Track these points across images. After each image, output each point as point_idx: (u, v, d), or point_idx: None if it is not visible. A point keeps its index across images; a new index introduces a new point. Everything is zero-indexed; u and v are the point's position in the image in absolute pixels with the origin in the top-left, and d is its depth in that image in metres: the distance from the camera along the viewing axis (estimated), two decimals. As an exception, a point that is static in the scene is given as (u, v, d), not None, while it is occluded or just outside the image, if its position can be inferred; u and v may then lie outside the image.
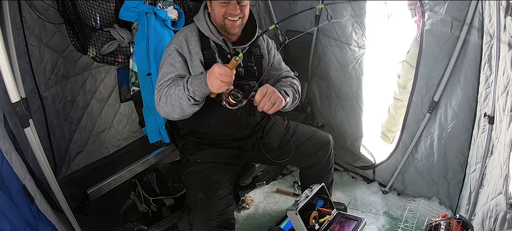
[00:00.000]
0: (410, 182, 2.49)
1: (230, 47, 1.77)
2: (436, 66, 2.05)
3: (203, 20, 1.75)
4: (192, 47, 1.71)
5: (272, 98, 1.56)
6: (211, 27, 1.73)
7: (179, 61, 1.67)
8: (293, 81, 1.94)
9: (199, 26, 1.76)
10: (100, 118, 2.58)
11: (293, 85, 1.89)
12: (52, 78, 2.20)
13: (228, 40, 1.76)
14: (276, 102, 1.57)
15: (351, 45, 2.42)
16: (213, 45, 1.76)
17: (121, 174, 2.46)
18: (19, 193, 1.27)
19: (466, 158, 2.09)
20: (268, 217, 2.41)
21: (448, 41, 1.95)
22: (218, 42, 1.75)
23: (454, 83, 2.02)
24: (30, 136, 1.51)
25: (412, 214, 2.18)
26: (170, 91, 1.57)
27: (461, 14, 1.85)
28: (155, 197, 2.29)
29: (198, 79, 1.52)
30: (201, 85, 1.50)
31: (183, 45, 1.70)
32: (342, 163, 2.84)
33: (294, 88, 1.86)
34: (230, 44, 1.77)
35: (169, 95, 1.57)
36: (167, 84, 1.61)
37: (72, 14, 1.98)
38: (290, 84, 1.88)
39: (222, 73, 1.43)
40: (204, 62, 1.72)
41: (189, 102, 1.54)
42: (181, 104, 1.56)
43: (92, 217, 2.29)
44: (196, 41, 1.73)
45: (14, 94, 1.44)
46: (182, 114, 1.60)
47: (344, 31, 2.41)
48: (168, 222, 2.22)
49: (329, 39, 2.51)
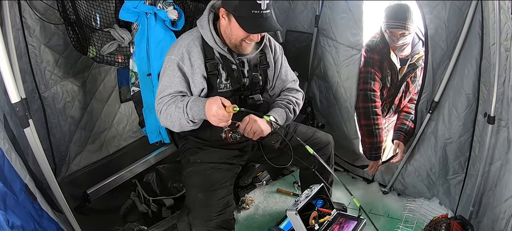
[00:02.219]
0: (410, 182, 2.49)
1: (235, 57, 1.73)
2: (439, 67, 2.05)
3: (208, 29, 1.66)
4: (195, 60, 1.65)
5: (252, 128, 1.60)
6: (216, 38, 1.65)
7: (177, 77, 1.62)
8: (293, 97, 1.89)
9: (202, 34, 1.68)
10: (100, 118, 2.58)
11: (290, 104, 1.84)
12: (52, 78, 2.20)
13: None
14: (256, 132, 1.61)
15: (348, 46, 2.42)
16: (217, 55, 1.70)
17: (121, 174, 2.46)
18: (22, 191, 1.28)
19: (466, 158, 2.09)
20: (268, 217, 2.41)
21: (451, 43, 1.94)
22: (222, 53, 1.69)
23: (454, 83, 2.02)
24: (30, 136, 1.51)
25: (412, 214, 2.18)
26: (170, 110, 1.58)
27: (462, 14, 1.85)
28: (155, 197, 2.29)
29: (197, 107, 1.52)
30: (200, 113, 1.53)
31: (184, 57, 1.64)
32: (342, 163, 2.84)
33: (290, 108, 1.82)
34: (235, 53, 1.73)
35: (169, 114, 1.58)
36: (167, 101, 1.60)
37: (72, 15, 1.98)
38: (287, 102, 1.84)
39: (219, 116, 1.45)
40: (207, 76, 1.68)
41: (188, 124, 1.59)
42: (181, 124, 1.59)
43: (92, 217, 2.30)
44: (199, 53, 1.66)
45: (14, 95, 1.44)
46: (182, 129, 1.65)
47: (340, 31, 2.40)
48: (168, 222, 2.22)
49: (327, 39, 2.50)
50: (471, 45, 1.86)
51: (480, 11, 1.75)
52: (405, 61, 2.29)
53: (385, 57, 2.29)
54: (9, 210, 1.10)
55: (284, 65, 1.94)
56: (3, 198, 1.11)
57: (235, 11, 1.54)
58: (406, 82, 2.37)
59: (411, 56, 2.27)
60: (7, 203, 1.12)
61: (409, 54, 2.28)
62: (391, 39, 2.19)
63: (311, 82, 2.80)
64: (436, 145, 2.23)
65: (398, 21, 2.12)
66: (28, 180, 1.38)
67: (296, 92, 1.94)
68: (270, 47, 1.86)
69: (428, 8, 1.93)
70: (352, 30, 2.35)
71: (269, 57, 1.85)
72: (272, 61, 1.86)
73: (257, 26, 1.57)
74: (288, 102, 1.85)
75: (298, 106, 1.89)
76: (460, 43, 1.91)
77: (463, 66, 1.94)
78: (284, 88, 1.93)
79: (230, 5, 1.56)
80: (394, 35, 2.16)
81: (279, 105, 1.82)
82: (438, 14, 1.91)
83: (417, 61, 2.28)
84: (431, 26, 1.95)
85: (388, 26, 2.17)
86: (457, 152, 2.12)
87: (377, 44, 2.29)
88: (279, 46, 1.93)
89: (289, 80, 1.95)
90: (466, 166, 2.09)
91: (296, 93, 1.93)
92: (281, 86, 1.93)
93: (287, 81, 1.93)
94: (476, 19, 1.80)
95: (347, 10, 2.34)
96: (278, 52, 1.90)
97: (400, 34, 2.14)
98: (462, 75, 1.96)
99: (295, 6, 2.64)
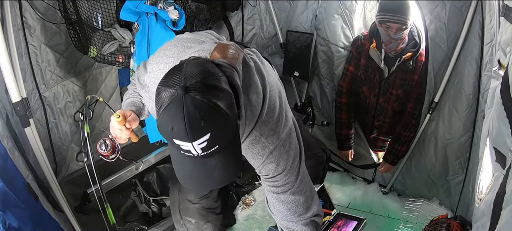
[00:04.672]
0: (410, 182, 2.49)
1: None
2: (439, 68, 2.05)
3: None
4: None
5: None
6: None
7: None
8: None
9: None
10: (101, 118, 2.59)
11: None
12: (52, 78, 2.20)
13: None
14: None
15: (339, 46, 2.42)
16: None
17: (121, 174, 2.46)
18: (24, 190, 1.29)
19: (466, 158, 2.09)
20: (268, 217, 2.41)
21: (451, 43, 1.94)
22: None
23: (454, 84, 2.02)
24: (31, 135, 1.52)
25: (412, 214, 2.18)
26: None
27: (461, 14, 1.85)
28: (155, 197, 2.29)
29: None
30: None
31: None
32: (342, 163, 2.84)
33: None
34: None
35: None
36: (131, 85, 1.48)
37: (73, 14, 1.98)
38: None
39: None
40: None
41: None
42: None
43: (92, 217, 2.30)
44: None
45: (15, 94, 1.45)
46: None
47: (332, 31, 2.40)
48: (168, 222, 2.22)
49: (323, 39, 2.50)
50: (471, 45, 1.86)
51: (480, 11, 1.75)
52: (394, 60, 2.14)
53: (363, 54, 2.24)
54: (7, 211, 1.10)
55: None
56: (3, 198, 1.12)
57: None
58: (393, 84, 2.22)
59: (400, 57, 2.10)
60: (7, 203, 1.12)
61: (399, 52, 2.10)
62: (387, 33, 2.02)
63: (311, 82, 2.80)
64: (436, 145, 2.23)
65: (396, 15, 1.96)
66: (30, 179, 1.38)
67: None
68: None
69: (428, 8, 1.93)
70: (344, 31, 2.37)
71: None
72: None
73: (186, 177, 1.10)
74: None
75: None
76: (460, 44, 1.91)
77: (463, 66, 1.94)
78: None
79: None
80: (390, 29, 2.00)
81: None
82: (438, 15, 1.91)
83: (405, 63, 2.11)
84: (431, 26, 1.95)
85: (384, 19, 1.99)
86: (457, 152, 2.12)
87: (357, 40, 2.28)
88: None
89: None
90: (466, 166, 2.09)
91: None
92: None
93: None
94: (476, 19, 1.80)
95: (339, 10, 2.34)
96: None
97: (397, 28, 1.98)
98: (462, 75, 1.96)
99: (295, 6, 2.64)
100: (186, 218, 1.85)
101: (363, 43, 2.23)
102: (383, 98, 2.31)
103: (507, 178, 0.99)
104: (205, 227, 1.86)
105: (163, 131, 0.94)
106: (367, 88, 2.35)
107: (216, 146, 0.94)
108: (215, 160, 0.98)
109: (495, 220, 1.05)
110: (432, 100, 2.13)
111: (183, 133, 0.89)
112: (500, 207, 1.01)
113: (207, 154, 0.94)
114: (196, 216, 1.83)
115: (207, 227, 1.87)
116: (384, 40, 2.07)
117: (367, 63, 2.25)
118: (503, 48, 1.17)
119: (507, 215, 0.95)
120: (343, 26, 2.37)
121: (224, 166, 1.01)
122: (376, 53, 2.16)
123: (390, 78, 2.21)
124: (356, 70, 2.33)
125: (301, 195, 1.32)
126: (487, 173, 1.27)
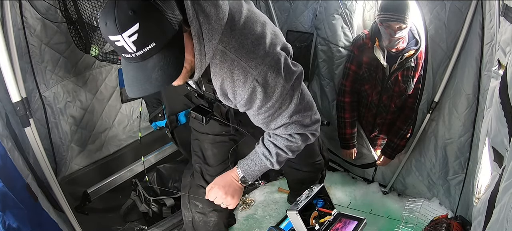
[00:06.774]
0: (410, 182, 2.49)
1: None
2: (439, 68, 2.05)
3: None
4: None
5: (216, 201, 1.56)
6: None
7: None
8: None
9: None
10: (101, 118, 2.59)
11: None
12: (53, 78, 2.21)
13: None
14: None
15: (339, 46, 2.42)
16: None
17: (121, 174, 2.47)
18: (23, 190, 1.29)
19: (466, 158, 2.09)
20: (268, 217, 2.41)
21: (451, 43, 1.94)
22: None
23: (454, 83, 2.02)
24: (31, 135, 1.52)
25: (412, 214, 2.18)
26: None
27: (461, 14, 1.85)
28: (155, 197, 2.29)
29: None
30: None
31: None
32: (342, 162, 2.84)
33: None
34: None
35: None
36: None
37: (73, 14, 1.98)
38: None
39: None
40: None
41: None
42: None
43: (92, 217, 2.30)
44: None
45: (15, 94, 1.45)
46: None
47: (332, 31, 2.40)
48: (169, 222, 2.23)
49: (323, 39, 2.50)
50: (471, 45, 1.86)
51: (480, 11, 1.75)
52: (395, 58, 2.18)
53: (365, 53, 2.25)
54: (7, 211, 1.10)
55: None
56: (2, 199, 1.12)
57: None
58: (396, 81, 2.26)
59: (402, 54, 2.15)
60: (6, 203, 1.12)
61: (400, 50, 2.15)
62: (388, 32, 2.07)
63: (311, 82, 2.80)
64: (436, 145, 2.23)
65: (396, 14, 2.00)
66: (30, 180, 1.38)
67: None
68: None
69: (428, 8, 1.93)
70: (345, 31, 2.37)
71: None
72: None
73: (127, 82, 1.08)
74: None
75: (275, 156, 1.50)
76: (460, 44, 1.91)
77: (463, 66, 1.94)
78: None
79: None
80: (391, 28, 2.05)
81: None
82: (438, 15, 1.91)
83: (407, 61, 2.15)
84: (431, 26, 1.95)
85: (385, 19, 2.05)
86: (457, 152, 2.12)
87: (358, 40, 2.29)
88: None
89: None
90: (466, 166, 2.09)
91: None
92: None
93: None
94: (476, 19, 1.80)
95: (339, 10, 2.34)
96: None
97: (397, 27, 2.03)
98: (462, 75, 1.96)
99: (295, 6, 2.65)
100: (194, 202, 1.84)
101: (365, 42, 2.24)
102: (385, 96, 2.34)
103: (501, 177, 0.99)
104: (210, 215, 1.85)
105: (103, 32, 0.96)
106: (369, 86, 2.36)
107: (151, 43, 0.95)
108: (154, 61, 0.98)
109: (488, 218, 1.05)
110: (432, 100, 2.14)
111: (113, 25, 0.91)
112: (493, 205, 1.01)
113: (145, 53, 0.96)
114: (204, 202, 1.80)
115: (212, 215, 1.85)
116: (385, 39, 2.11)
117: (369, 61, 2.27)
118: (503, 48, 1.17)
119: (497, 213, 0.95)
120: (343, 26, 2.37)
121: (163, 68, 0.99)
122: (379, 52, 2.19)
123: (392, 76, 2.25)
124: (358, 69, 2.34)
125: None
126: (486, 172, 1.28)
